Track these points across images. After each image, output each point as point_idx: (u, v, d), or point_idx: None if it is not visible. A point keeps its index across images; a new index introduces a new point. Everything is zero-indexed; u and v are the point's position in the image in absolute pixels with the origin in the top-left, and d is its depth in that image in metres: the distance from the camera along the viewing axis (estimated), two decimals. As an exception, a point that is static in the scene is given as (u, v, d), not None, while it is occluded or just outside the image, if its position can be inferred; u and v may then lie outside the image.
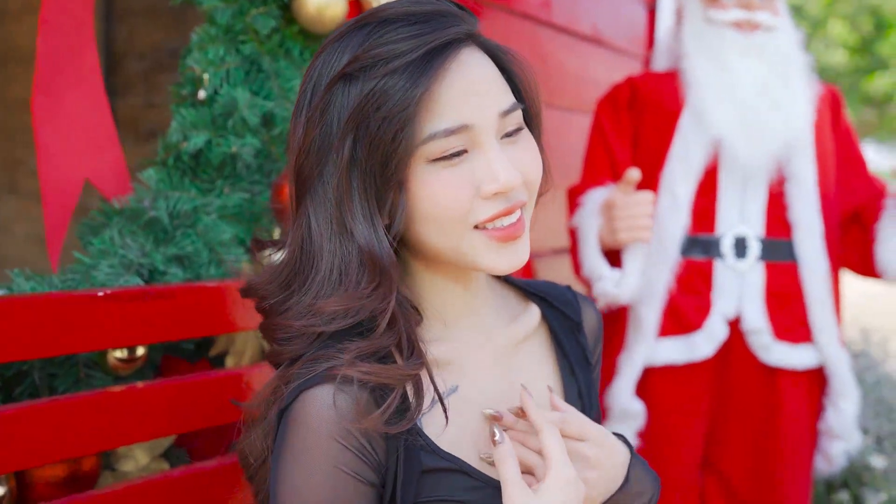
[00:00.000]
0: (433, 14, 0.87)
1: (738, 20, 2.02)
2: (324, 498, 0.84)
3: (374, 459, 0.86)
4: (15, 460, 1.09)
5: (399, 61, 0.84)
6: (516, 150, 0.91)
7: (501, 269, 0.91)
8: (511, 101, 0.90)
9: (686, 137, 2.01)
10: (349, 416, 0.84)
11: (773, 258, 2.03)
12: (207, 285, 1.27)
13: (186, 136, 1.40)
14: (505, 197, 0.89)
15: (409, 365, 0.88)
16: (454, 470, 0.90)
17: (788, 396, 2.05)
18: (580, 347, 1.08)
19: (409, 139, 0.85)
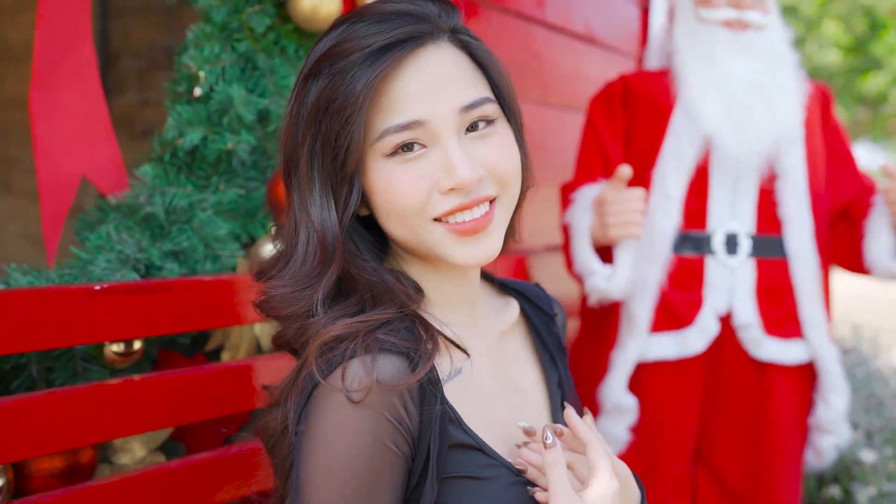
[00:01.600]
0: (400, 13, 0.89)
1: (728, 19, 2.04)
2: (357, 470, 0.84)
3: (409, 430, 0.87)
4: (12, 451, 1.10)
5: (352, 58, 0.87)
6: (482, 145, 0.91)
7: (465, 262, 0.92)
8: (476, 96, 0.90)
9: (678, 135, 2.03)
10: (388, 384, 0.85)
11: (763, 254, 2.05)
12: (203, 279, 1.29)
13: (182, 133, 1.42)
14: (463, 192, 0.89)
15: (427, 333, 0.91)
16: (474, 447, 0.92)
17: (779, 391, 2.07)
18: (556, 339, 1.11)
19: (357, 134, 0.88)
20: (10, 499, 1.15)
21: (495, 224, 0.92)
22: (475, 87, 0.91)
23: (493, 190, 0.92)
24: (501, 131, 0.93)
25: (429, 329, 0.91)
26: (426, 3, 0.92)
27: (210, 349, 1.45)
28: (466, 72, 0.91)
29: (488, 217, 0.91)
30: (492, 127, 0.92)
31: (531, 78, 2.31)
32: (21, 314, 1.08)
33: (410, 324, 0.91)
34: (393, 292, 0.93)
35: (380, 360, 0.85)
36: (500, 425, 0.98)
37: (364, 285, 0.93)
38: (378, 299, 0.92)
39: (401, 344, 0.87)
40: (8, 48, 4.64)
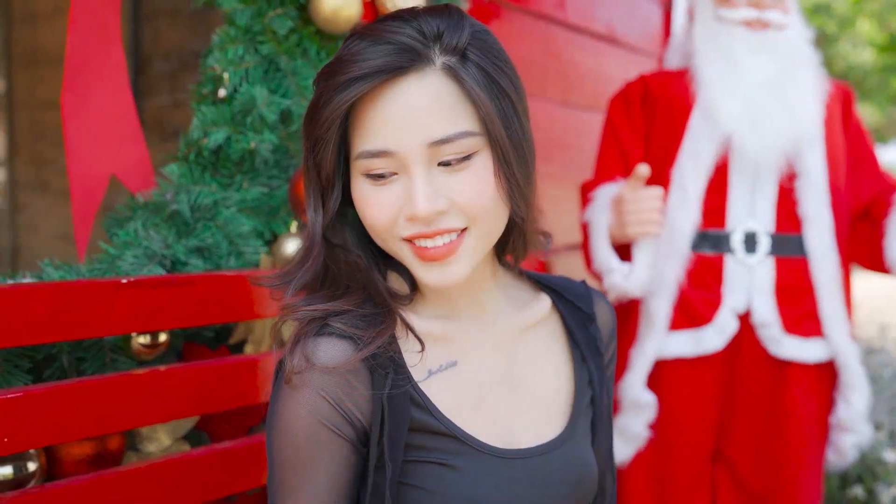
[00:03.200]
0: (391, 42, 0.90)
1: (748, 19, 2.05)
2: (297, 447, 0.93)
3: (351, 411, 0.94)
4: (44, 436, 1.15)
5: (335, 80, 0.91)
6: (452, 179, 0.92)
7: (429, 283, 0.96)
8: (450, 132, 0.90)
9: (696, 134, 2.04)
10: (324, 366, 0.92)
11: (782, 253, 2.05)
12: (224, 274, 1.33)
13: (207, 133, 1.46)
14: (423, 223, 0.92)
15: (385, 323, 0.96)
16: (447, 435, 0.96)
17: (798, 389, 2.08)
18: (592, 338, 1.12)
19: (329, 150, 0.94)
20: (42, 482, 1.20)
21: (461, 253, 0.94)
22: (453, 120, 0.91)
23: (460, 222, 0.93)
24: (477, 166, 0.93)
25: (386, 320, 0.96)
26: (421, 33, 0.91)
27: (233, 342, 1.49)
28: (447, 105, 0.91)
29: (451, 247, 0.93)
30: (467, 161, 0.92)
31: (552, 78, 2.33)
32: (51, 306, 1.13)
33: (373, 314, 0.96)
34: (373, 285, 0.99)
35: (322, 343, 0.93)
36: (493, 418, 1.01)
37: (343, 278, 1.00)
38: (351, 291, 0.98)
39: (347, 330, 0.93)
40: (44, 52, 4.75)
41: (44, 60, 4.75)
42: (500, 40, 0.98)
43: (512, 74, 0.95)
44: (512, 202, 0.95)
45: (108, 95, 1.28)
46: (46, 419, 1.14)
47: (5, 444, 1.09)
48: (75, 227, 1.26)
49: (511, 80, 0.95)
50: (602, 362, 1.13)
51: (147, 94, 4.04)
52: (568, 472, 1.03)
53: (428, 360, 0.99)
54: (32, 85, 5.02)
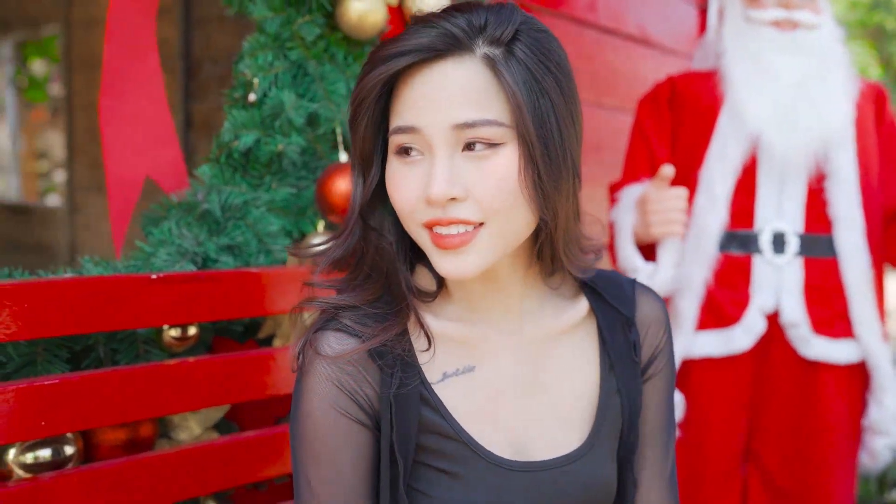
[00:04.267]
0: (437, 26, 0.93)
1: (777, 19, 2.05)
2: (319, 433, 0.95)
3: (365, 401, 0.96)
4: (80, 420, 1.23)
5: (384, 52, 0.93)
6: (473, 167, 0.91)
7: (443, 272, 0.94)
8: (476, 117, 0.90)
9: (724, 134, 2.05)
10: (331, 356, 0.95)
11: (812, 253, 2.05)
12: (250, 271, 1.39)
13: (237, 136, 1.53)
14: (438, 207, 0.91)
15: (392, 320, 0.98)
16: (456, 439, 0.97)
17: (829, 391, 2.07)
18: (627, 344, 1.07)
19: (366, 124, 0.96)
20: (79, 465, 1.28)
21: (475, 246, 0.92)
22: (482, 107, 0.91)
23: (475, 216, 0.92)
24: (501, 159, 0.91)
25: (397, 317, 0.98)
26: (468, 23, 0.93)
27: (262, 337, 1.56)
28: (479, 92, 0.91)
29: (464, 238, 0.92)
30: (491, 151, 0.91)
31: (584, 80, 2.36)
32: (86, 300, 1.21)
33: (384, 312, 0.98)
34: (394, 277, 1.00)
35: (328, 336, 0.96)
36: (506, 428, 1.00)
37: (367, 264, 1.02)
38: (370, 281, 1.00)
39: (355, 327, 0.96)
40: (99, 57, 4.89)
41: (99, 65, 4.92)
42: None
43: (561, 77, 0.94)
44: (537, 205, 0.93)
45: (143, 100, 1.36)
46: (81, 405, 1.21)
47: (42, 427, 1.17)
48: (112, 225, 1.34)
49: (557, 83, 0.93)
50: (637, 370, 1.08)
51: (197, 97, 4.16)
52: (577, 487, 1.01)
53: (444, 362, 0.99)
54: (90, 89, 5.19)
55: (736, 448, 2.12)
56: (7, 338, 1.13)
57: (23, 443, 1.23)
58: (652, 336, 1.10)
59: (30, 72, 6.96)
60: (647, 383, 1.10)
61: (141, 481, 1.29)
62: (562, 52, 0.97)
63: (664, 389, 1.11)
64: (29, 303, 1.15)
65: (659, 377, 1.11)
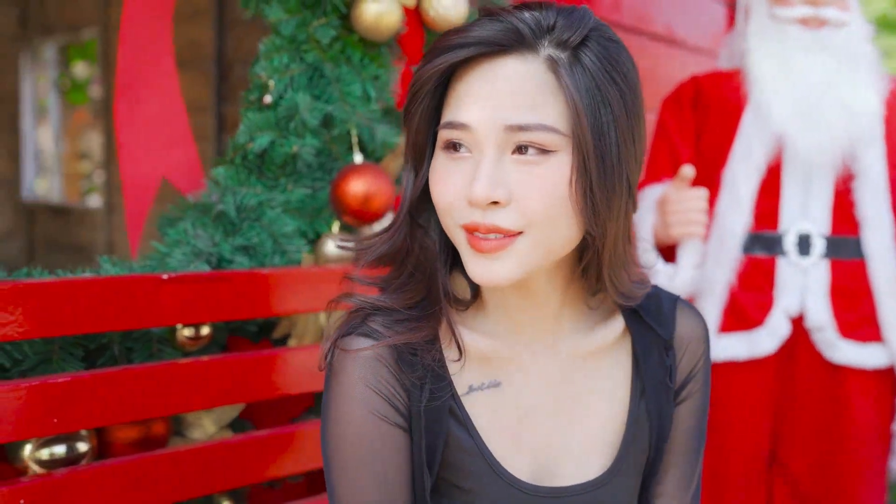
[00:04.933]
0: (504, 21, 0.89)
1: (804, 17, 2.02)
2: (354, 434, 0.92)
3: (401, 404, 0.93)
4: (94, 417, 1.25)
5: (444, 42, 0.89)
6: (521, 172, 0.87)
7: (475, 276, 0.90)
8: (530, 120, 0.86)
9: (748, 134, 2.03)
10: (373, 363, 0.93)
11: (838, 255, 2.01)
12: (261, 272, 1.41)
13: (252, 138, 1.55)
14: (480, 209, 0.87)
15: (423, 324, 0.95)
16: (477, 457, 0.94)
17: (856, 396, 2.03)
18: (663, 367, 1.03)
19: (419, 115, 0.93)
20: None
21: (511, 253, 0.88)
22: (537, 111, 0.87)
23: (516, 223, 0.87)
24: (552, 166, 0.87)
25: (428, 324, 0.94)
26: (537, 22, 0.89)
27: (277, 337, 1.58)
28: (537, 94, 0.87)
29: (501, 243, 0.88)
30: (542, 157, 0.87)
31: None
32: (98, 299, 1.23)
33: (418, 317, 0.95)
34: (434, 279, 0.97)
35: (357, 340, 0.94)
36: (528, 450, 0.98)
37: (410, 264, 0.98)
38: (413, 282, 0.97)
39: (384, 332, 0.93)
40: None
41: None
42: None
43: (626, 90, 0.89)
44: (585, 219, 0.88)
45: (159, 102, 1.38)
46: (94, 402, 1.24)
47: (55, 423, 1.20)
48: (128, 226, 1.37)
49: (622, 95, 0.88)
50: (670, 395, 1.04)
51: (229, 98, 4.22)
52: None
53: (471, 375, 0.96)
54: (127, 91, 5.25)
55: (760, 453, 2.09)
56: (19, 336, 1.16)
57: (38, 440, 1.26)
58: (689, 357, 1.05)
59: (72, 74, 7.11)
60: (679, 405, 1.05)
61: (153, 478, 1.30)
62: (631, 64, 0.92)
63: (697, 412, 1.07)
64: (41, 302, 1.18)
65: (693, 399, 1.06)
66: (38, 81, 6.66)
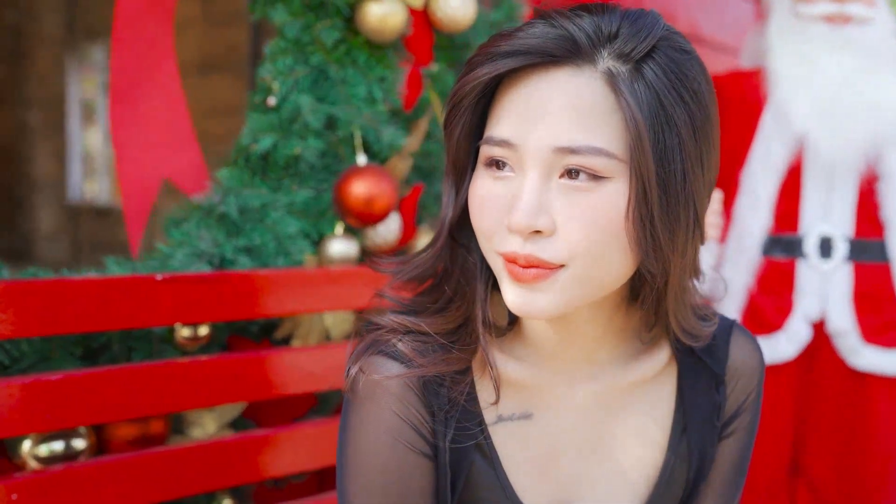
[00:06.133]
0: (560, 27, 0.79)
1: (828, 14, 1.97)
2: (381, 464, 0.86)
3: (428, 432, 0.87)
4: (93, 414, 1.27)
5: (492, 49, 0.81)
6: (568, 200, 0.78)
7: (511, 306, 0.82)
8: (582, 143, 0.77)
9: (768, 134, 1.99)
10: (402, 388, 0.86)
11: (862, 259, 1.96)
12: (258, 273, 1.42)
13: (256, 139, 1.56)
14: (521, 236, 0.79)
15: (457, 353, 0.87)
16: (499, 490, 0.89)
17: (881, 403, 1.98)
18: (711, 404, 0.95)
19: (460, 128, 0.85)
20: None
21: (552, 285, 0.80)
22: (591, 131, 0.77)
23: (558, 256, 0.78)
24: (605, 195, 0.77)
25: (462, 353, 0.87)
26: (597, 28, 0.79)
27: (280, 337, 1.58)
28: (592, 113, 0.77)
29: (540, 274, 0.79)
30: (596, 184, 0.77)
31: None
32: (93, 299, 1.25)
33: (450, 345, 0.87)
34: (473, 303, 0.89)
35: (389, 365, 0.86)
36: (557, 486, 0.92)
37: (452, 286, 0.91)
38: (452, 307, 0.90)
39: (414, 359, 0.86)
40: (176, 63, 5.06)
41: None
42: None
43: (696, 110, 0.79)
44: (642, 254, 0.79)
45: (159, 105, 1.40)
46: (96, 399, 1.25)
47: (48, 420, 1.22)
48: (128, 227, 1.39)
49: (690, 116, 0.78)
50: (715, 434, 0.96)
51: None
52: None
53: (502, 404, 0.90)
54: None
55: (782, 461, 2.04)
56: (12, 334, 1.18)
57: (36, 436, 1.28)
58: (741, 389, 0.97)
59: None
60: (723, 441, 0.98)
61: (149, 474, 1.32)
62: (704, 80, 0.82)
63: (742, 447, 0.99)
64: (35, 301, 1.20)
65: (738, 435, 0.98)
66: (84, 84, 6.81)
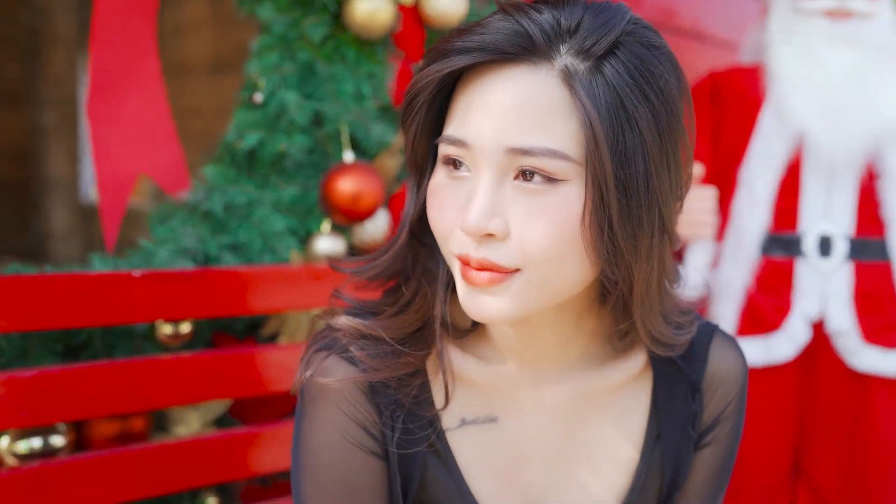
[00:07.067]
0: (521, 24, 0.76)
1: (829, 8, 1.94)
2: (331, 462, 0.85)
3: (377, 432, 0.86)
4: (73, 410, 1.27)
5: (447, 45, 0.78)
6: (522, 203, 0.75)
7: (466, 309, 0.80)
8: (535, 144, 0.74)
9: (767, 131, 1.95)
10: (350, 388, 0.85)
11: (863, 258, 1.93)
12: (236, 269, 1.41)
13: (242, 136, 1.55)
14: (474, 239, 0.76)
15: (412, 357, 0.85)
16: (456, 496, 0.87)
17: (882, 404, 1.94)
18: (686, 412, 0.92)
19: (421, 126, 0.82)
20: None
21: (507, 289, 0.77)
22: (546, 133, 0.74)
23: (511, 260, 0.76)
24: (560, 198, 0.75)
25: (413, 357, 0.85)
26: (556, 23, 0.76)
27: (267, 335, 1.57)
28: (547, 113, 0.74)
29: (492, 278, 0.76)
30: (551, 186, 0.75)
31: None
32: (70, 295, 1.25)
33: (401, 354, 0.85)
34: (432, 305, 0.87)
35: (338, 366, 0.85)
36: (521, 494, 0.89)
37: (411, 288, 0.89)
38: (410, 308, 0.87)
39: (366, 361, 0.84)
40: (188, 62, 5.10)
41: (189, 70, 5.11)
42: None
43: (661, 109, 0.75)
44: (599, 260, 0.76)
45: (140, 103, 1.39)
46: (76, 395, 1.25)
47: (26, 416, 1.21)
48: (103, 224, 1.38)
49: (654, 115, 0.74)
50: (690, 444, 0.92)
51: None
52: None
53: (465, 406, 0.87)
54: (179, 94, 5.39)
55: (782, 464, 2.01)
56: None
57: (14, 433, 1.28)
58: (720, 397, 0.93)
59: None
60: (701, 450, 0.94)
61: (129, 471, 1.31)
62: (673, 78, 0.77)
63: (721, 458, 0.95)
64: (10, 297, 1.20)
65: (717, 445, 0.94)
66: (98, 85, 6.84)
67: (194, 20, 5.05)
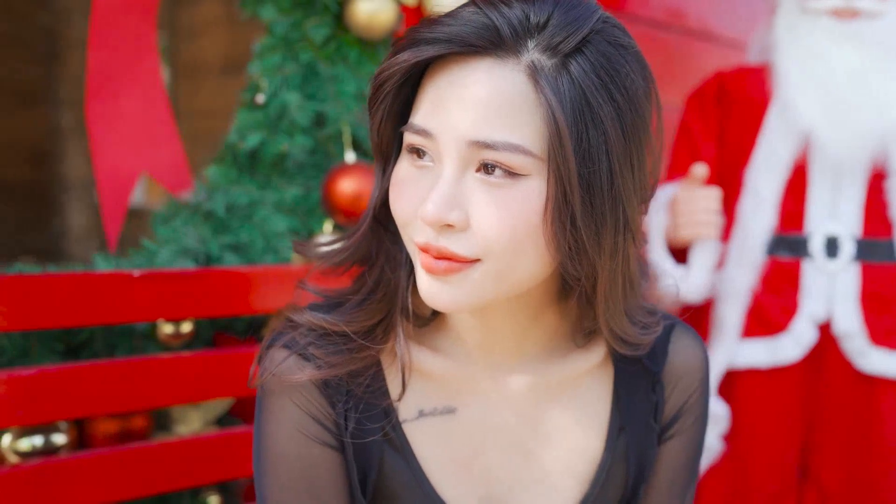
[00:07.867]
0: (490, 17, 0.76)
1: (836, 8, 1.92)
2: (287, 455, 0.86)
3: (333, 425, 0.86)
4: (75, 409, 1.28)
5: (415, 35, 0.78)
6: (483, 195, 0.76)
7: (424, 297, 0.80)
8: (497, 138, 0.74)
9: (773, 131, 1.94)
10: (304, 382, 0.85)
11: (870, 259, 1.91)
12: (235, 269, 1.42)
13: (244, 137, 1.56)
14: (434, 232, 0.77)
15: (371, 350, 0.86)
16: (417, 491, 0.87)
17: (889, 406, 1.92)
18: (647, 403, 0.93)
19: (387, 114, 0.82)
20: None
21: (465, 279, 0.78)
22: (508, 127, 0.74)
23: (469, 251, 0.77)
24: (520, 193, 0.75)
25: (370, 349, 0.86)
26: (524, 18, 0.76)
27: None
28: (511, 108, 0.74)
29: (451, 267, 0.77)
30: (512, 181, 0.75)
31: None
32: (70, 294, 1.26)
33: (360, 349, 0.86)
34: (394, 295, 0.88)
35: (292, 359, 0.86)
36: (482, 486, 0.89)
37: (374, 275, 0.89)
38: (372, 299, 0.88)
39: (322, 358, 0.85)
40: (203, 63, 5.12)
41: (203, 71, 5.14)
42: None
43: (626, 108, 0.75)
44: (561, 255, 0.77)
45: (140, 102, 1.40)
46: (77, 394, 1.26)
47: (28, 414, 1.23)
48: (105, 224, 1.39)
49: (619, 114, 0.75)
50: (653, 435, 0.94)
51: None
52: None
53: (423, 398, 0.88)
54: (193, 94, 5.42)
55: (789, 467, 1.99)
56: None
57: (16, 431, 1.30)
58: (682, 390, 0.94)
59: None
60: (667, 442, 0.95)
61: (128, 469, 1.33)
62: (639, 77, 0.78)
63: (688, 450, 0.96)
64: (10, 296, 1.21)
65: (682, 438, 0.95)
66: (115, 87, 6.89)
67: (208, 21, 5.08)
